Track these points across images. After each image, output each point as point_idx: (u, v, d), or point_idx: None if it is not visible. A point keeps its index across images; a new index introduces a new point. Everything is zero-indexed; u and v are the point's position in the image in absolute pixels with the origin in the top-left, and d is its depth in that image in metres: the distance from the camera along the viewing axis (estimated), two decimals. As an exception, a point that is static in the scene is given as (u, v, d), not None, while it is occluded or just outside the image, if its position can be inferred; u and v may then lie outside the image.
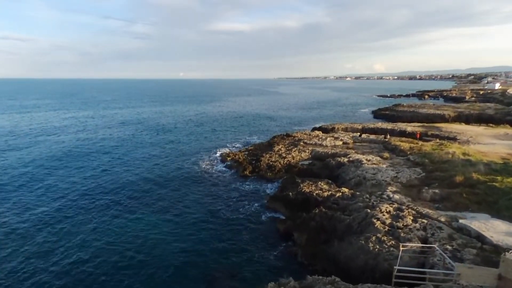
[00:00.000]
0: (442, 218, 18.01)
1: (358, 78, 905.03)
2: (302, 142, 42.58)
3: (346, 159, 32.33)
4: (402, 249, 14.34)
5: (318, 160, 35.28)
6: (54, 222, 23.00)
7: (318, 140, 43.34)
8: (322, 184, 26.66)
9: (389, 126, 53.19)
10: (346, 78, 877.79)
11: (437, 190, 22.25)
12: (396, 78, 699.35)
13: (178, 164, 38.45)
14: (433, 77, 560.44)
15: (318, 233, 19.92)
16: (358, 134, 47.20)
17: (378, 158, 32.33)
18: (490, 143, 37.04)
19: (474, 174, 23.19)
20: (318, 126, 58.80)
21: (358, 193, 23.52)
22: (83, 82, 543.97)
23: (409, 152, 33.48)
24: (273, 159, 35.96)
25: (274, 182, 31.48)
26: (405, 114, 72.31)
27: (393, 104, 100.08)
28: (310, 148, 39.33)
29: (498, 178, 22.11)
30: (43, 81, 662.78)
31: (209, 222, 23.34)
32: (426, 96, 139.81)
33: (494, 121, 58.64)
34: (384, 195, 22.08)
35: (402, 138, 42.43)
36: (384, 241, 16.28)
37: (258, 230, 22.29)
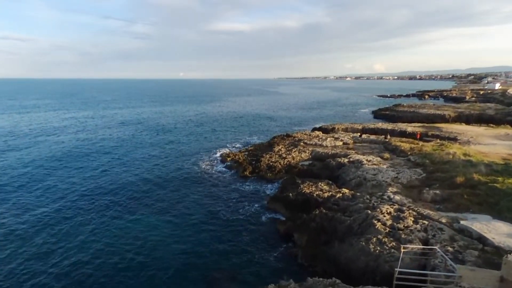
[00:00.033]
0: (443, 219, 17.92)
1: (358, 78, 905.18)
2: (302, 143, 42.49)
3: (346, 160, 32.24)
4: (403, 250, 14.26)
5: (318, 160, 35.18)
6: (53, 223, 22.91)
7: (318, 140, 43.24)
8: (322, 184, 26.58)
9: (389, 126, 53.08)
10: (346, 78, 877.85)
11: (438, 191, 22.15)
12: (396, 78, 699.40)
13: (178, 164, 38.37)
14: (433, 77, 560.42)
15: (319, 234, 19.83)
16: (358, 134, 47.07)
17: (379, 159, 32.24)
18: (490, 144, 36.95)
19: (475, 175, 23.06)
20: (318, 127, 58.64)
21: (358, 194, 23.42)
22: (83, 82, 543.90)
23: (409, 152, 33.36)
24: (273, 160, 35.88)
25: (274, 182, 31.41)
26: (405, 114, 72.20)
27: (393, 104, 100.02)
28: (310, 148, 39.25)
29: (499, 179, 21.99)
30: (43, 81, 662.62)
31: (209, 223, 23.26)
32: (426, 96, 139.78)
33: (494, 121, 58.56)
34: (384, 196, 21.99)
35: (402, 139, 42.29)
36: (385, 242, 16.18)
37: (258, 231, 22.21)
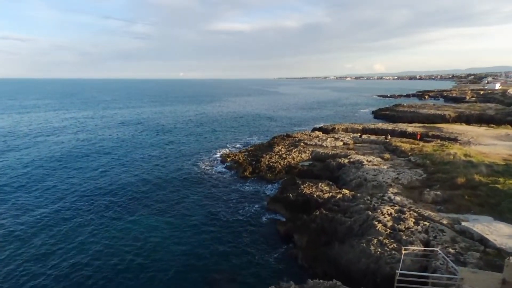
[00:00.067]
0: (444, 221, 17.82)
1: (358, 78, 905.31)
2: (302, 143, 42.39)
3: (346, 160, 32.14)
4: (404, 252, 14.14)
5: (319, 161, 35.10)
6: (52, 224, 22.82)
7: (319, 140, 43.14)
8: (322, 185, 26.48)
9: (389, 126, 52.99)
10: (346, 78, 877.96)
11: (438, 192, 22.05)
12: (396, 78, 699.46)
13: (178, 165, 38.27)
14: (433, 77, 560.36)
15: (319, 235, 19.74)
16: (359, 134, 46.96)
17: (379, 159, 32.15)
18: (491, 144, 36.84)
19: (476, 176, 22.97)
20: (318, 127, 58.54)
21: (359, 194, 23.32)
22: (83, 82, 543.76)
23: (410, 153, 33.26)
24: (273, 160, 35.78)
25: (274, 183, 31.32)
26: (405, 115, 72.12)
27: (393, 104, 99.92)
28: (310, 148, 39.16)
29: (500, 179, 21.90)
30: (43, 81, 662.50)
31: (209, 224, 23.17)
32: (426, 96, 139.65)
33: (495, 121, 58.43)
34: (385, 197, 21.89)
35: (402, 139, 42.18)
36: (385, 244, 16.08)
37: (258, 232, 22.12)
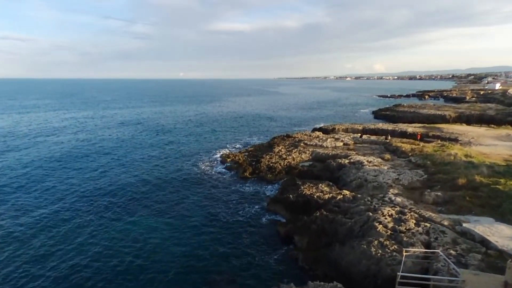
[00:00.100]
0: (445, 222, 17.74)
1: (358, 78, 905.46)
2: (302, 143, 42.30)
3: (347, 161, 32.04)
4: (405, 254, 14.08)
5: (319, 161, 35.01)
6: (51, 224, 22.71)
7: (319, 141, 43.05)
8: (323, 186, 26.39)
9: (389, 127, 52.89)
10: (346, 78, 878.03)
11: (439, 193, 21.97)
12: (396, 78, 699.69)
13: (178, 165, 38.18)
14: (433, 77, 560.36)
15: (319, 236, 19.66)
16: (359, 135, 46.89)
17: (379, 160, 32.06)
18: (492, 145, 36.73)
19: (477, 177, 22.89)
20: (318, 127, 58.47)
21: (359, 195, 23.24)
22: (83, 82, 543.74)
23: (410, 153, 33.17)
24: (273, 161, 35.69)
25: (275, 183, 31.24)
26: (405, 115, 72.05)
27: (393, 104, 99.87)
28: (310, 149, 39.07)
29: (502, 180, 21.83)
30: (43, 81, 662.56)
31: (208, 225, 23.08)
32: (427, 96, 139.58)
33: (495, 121, 58.36)
34: (386, 198, 21.81)
35: (403, 139, 42.08)
36: (386, 245, 15.98)
37: (259, 233, 22.02)
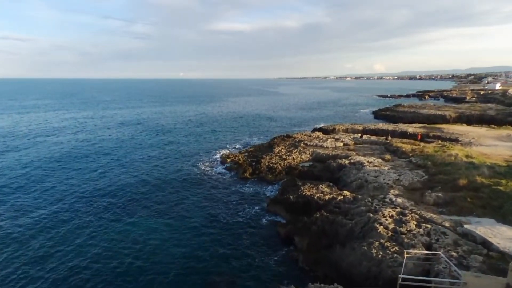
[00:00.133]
0: (447, 223, 17.64)
1: (358, 78, 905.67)
2: (302, 144, 42.21)
3: (347, 161, 31.94)
4: (406, 256, 13.98)
5: (319, 162, 34.92)
6: (50, 226, 22.61)
7: (319, 141, 42.96)
8: (323, 187, 26.30)
9: (390, 127, 52.76)
10: (346, 78, 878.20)
11: (440, 194, 21.87)
12: (396, 78, 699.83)
13: (177, 165, 38.09)
14: (433, 77, 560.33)
15: (320, 237, 19.56)
16: (359, 135, 46.78)
17: (380, 160, 31.97)
18: (492, 145, 36.62)
19: (478, 177, 22.79)
20: (318, 127, 58.35)
21: (360, 196, 23.14)
22: (83, 82, 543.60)
23: (411, 154, 33.07)
24: (273, 161, 35.60)
25: (275, 184, 31.16)
26: (405, 115, 71.96)
27: (393, 104, 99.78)
28: (310, 149, 38.98)
29: (503, 181, 21.72)
30: (43, 81, 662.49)
31: (208, 226, 22.99)
32: (427, 96, 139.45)
33: (495, 122, 58.26)
34: (386, 199, 21.71)
35: (403, 140, 41.97)
36: (387, 247, 15.90)
37: (259, 234, 21.93)
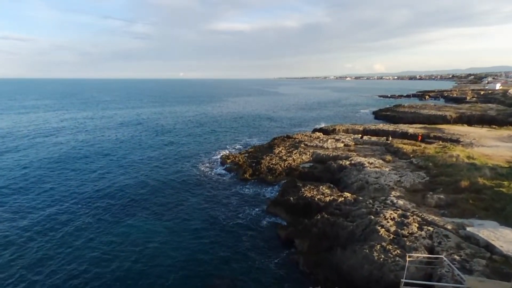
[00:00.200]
0: (449, 226, 17.45)
1: (358, 78, 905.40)
2: (302, 144, 42.01)
3: (348, 162, 31.73)
4: (408, 259, 13.80)
5: (319, 163, 34.72)
6: (49, 228, 22.42)
7: (319, 142, 42.77)
8: (323, 188, 26.09)
9: (390, 127, 52.55)
10: (346, 78, 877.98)
11: (442, 196, 21.68)
12: (396, 78, 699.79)
13: (177, 166, 37.90)
14: (433, 77, 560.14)
15: (320, 240, 19.38)
16: (360, 136, 46.58)
17: (381, 161, 31.77)
18: (494, 146, 36.39)
19: (479, 179, 22.60)
20: (319, 128, 58.16)
21: (360, 198, 22.94)
22: (83, 82, 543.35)
23: (412, 155, 32.87)
24: (273, 162, 35.41)
25: (275, 185, 30.95)
26: (406, 115, 71.72)
27: (393, 104, 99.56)
28: (311, 150, 38.77)
29: (505, 183, 21.51)
30: (43, 81, 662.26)
31: (208, 228, 22.80)
32: (427, 96, 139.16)
33: (496, 122, 58.06)
34: (387, 201, 21.52)
35: (404, 140, 41.76)
36: (389, 250, 15.71)
37: (259, 236, 21.75)
